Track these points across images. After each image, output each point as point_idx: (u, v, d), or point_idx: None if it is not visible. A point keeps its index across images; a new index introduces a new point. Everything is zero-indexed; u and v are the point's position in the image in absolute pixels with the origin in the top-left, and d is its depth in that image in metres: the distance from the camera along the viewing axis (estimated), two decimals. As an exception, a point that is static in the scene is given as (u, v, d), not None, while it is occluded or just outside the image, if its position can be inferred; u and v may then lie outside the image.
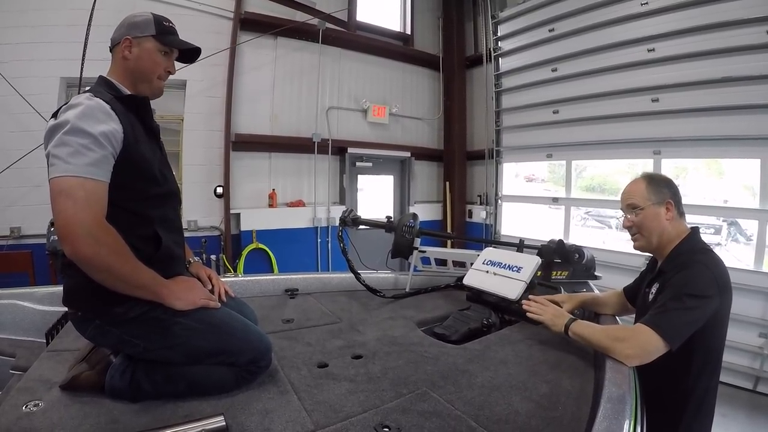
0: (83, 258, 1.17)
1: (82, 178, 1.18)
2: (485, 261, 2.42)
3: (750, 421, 3.63)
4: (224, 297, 1.67)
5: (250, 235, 5.72)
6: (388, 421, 1.26)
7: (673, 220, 1.72)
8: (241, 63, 5.60)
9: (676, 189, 1.76)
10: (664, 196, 1.72)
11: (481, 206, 7.28)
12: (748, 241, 4.55)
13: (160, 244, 1.40)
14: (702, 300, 1.53)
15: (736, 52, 4.26)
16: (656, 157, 5.00)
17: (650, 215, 1.73)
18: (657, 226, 1.73)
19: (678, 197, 1.74)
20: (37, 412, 1.22)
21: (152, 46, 1.45)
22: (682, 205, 1.76)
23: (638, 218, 1.76)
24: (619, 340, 1.54)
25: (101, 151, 1.23)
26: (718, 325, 1.63)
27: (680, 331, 1.51)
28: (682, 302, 1.52)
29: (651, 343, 1.49)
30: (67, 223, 1.16)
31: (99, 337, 1.36)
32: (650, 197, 1.73)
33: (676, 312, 1.52)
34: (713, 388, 1.69)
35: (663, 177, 1.83)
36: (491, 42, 6.88)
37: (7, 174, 4.18)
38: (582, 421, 1.27)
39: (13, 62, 4.35)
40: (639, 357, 1.51)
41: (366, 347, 1.87)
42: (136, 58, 1.44)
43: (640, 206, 1.75)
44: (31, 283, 4.28)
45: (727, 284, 1.60)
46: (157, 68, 1.48)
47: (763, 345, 4.08)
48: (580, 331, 1.67)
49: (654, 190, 1.74)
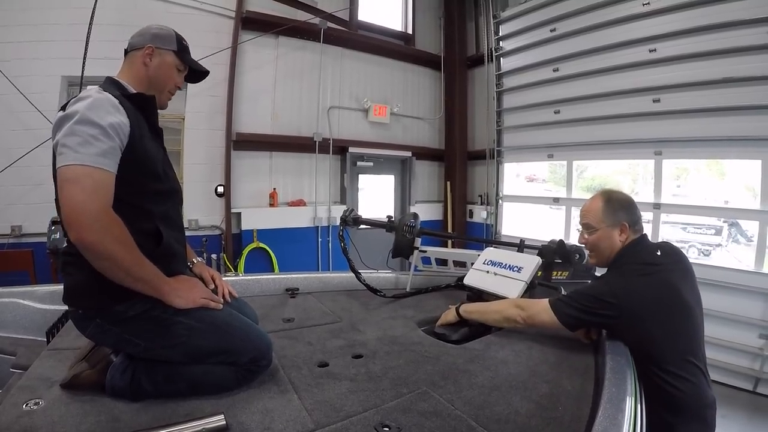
0: (88, 244, 1.18)
1: (90, 167, 1.20)
2: (486, 261, 2.42)
3: (750, 423, 3.62)
4: (228, 297, 1.67)
5: (250, 235, 5.72)
6: (389, 421, 1.26)
7: (627, 239, 1.80)
8: (242, 62, 5.60)
9: (633, 210, 1.81)
10: (619, 218, 1.78)
11: (482, 206, 7.27)
12: (749, 242, 4.54)
13: (161, 240, 1.40)
14: (601, 303, 1.65)
15: (738, 53, 4.25)
16: (657, 158, 5.00)
17: (603, 237, 1.81)
18: (608, 246, 1.81)
19: (634, 218, 1.80)
20: (37, 411, 1.22)
21: (172, 60, 1.54)
22: (638, 223, 1.81)
23: (592, 238, 1.85)
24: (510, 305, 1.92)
25: (109, 142, 1.24)
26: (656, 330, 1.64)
27: (570, 314, 1.71)
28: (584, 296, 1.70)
29: (540, 307, 1.78)
30: (74, 209, 1.17)
31: (99, 335, 1.37)
32: (605, 219, 1.80)
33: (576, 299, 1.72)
34: (690, 388, 1.66)
35: (622, 198, 1.86)
36: (492, 42, 6.87)
37: (9, 172, 4.19)
38: (582, 421, 1.27)
39: (14, 61, 4.34)
40: (526, 312, 1.82)
41: (366, 347, 1.87)
42: (156, 67, 1.50)
43: (594, 227, 1.83)
44: (31, 281, 4.28)
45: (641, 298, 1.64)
46: (170, 81, 1.56)
47: (763, 346, 4.07)
48: (470, 309, 2.02)
49: (609, 212, 1.80)
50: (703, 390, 1.69)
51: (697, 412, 1.69)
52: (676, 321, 1.68)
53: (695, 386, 1.67)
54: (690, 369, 1.68)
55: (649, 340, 1.65)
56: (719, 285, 4.23)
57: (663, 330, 1.65)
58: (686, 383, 1.66)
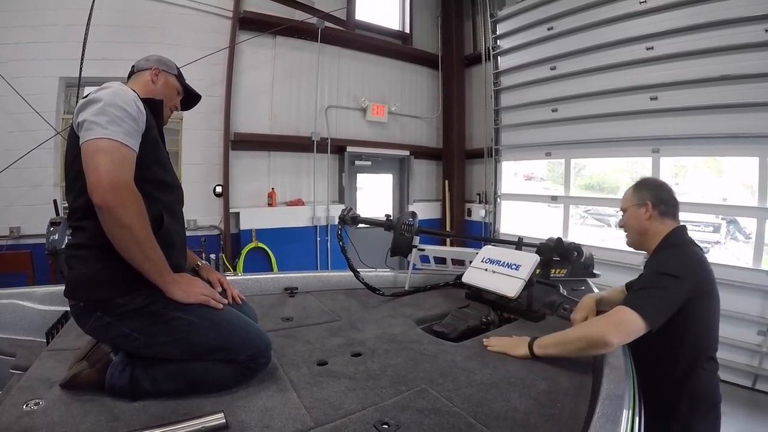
0: (111, 207, 1.22)
1: (119, 142, 1.28)
2: (484, 259, 2.43)
3: (749, 419, 3.63)
4: (238, 299, 1.72)
5: (249, 234, 5.72)
6: (387, 418, 1.26)
7: (653, 219, 1.85)
8: (240, 62, 5.60)
9: (658, 191, 1.88)
10: (644, 197, 1.88)
11: (480, 205, 7.28)
12: (747, 239, 4.56)
13: (162, 225, 1.43)
14: (675, 279, 1.61)
15: (735, 51, 4.26)
16: (655, 155, 5.01)
17: (631, 215, 1.92)
18: (636, 224, 1.90)
19: (660, 198, 1.86)
20: (37, 411, 1.23)
21: (174, 83, 1.74)
22: (667, 206, 1.86)
23: (624, 218, 1.97)
24: (594, 321, 1.66)
25: (134, 125, 1.34)
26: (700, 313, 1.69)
27: (657, 308, 1.56)
28: (655, 282, 1.62)
29: (628, 320, 1.53)
30: (102, 175, 1.23)
31: (99, 330, 1.37)
32: (632, 200, 1.92)
33: (650, 290, 1.61)
34: (707, 381, 1.73)
35: (650, 181, 1.99)
36: (490, 40, 6.87)
37: (7, 174, 4.17)
38: (580, 417, 1.28)
39: (11, 62, 4.34)
40: (619, 335, 1.52)
41: (365, 345, 1.87)
42: (161, 85, 1.68)
43: (624, 208, 1.97)
44: (30, 283, 4.27)
45: (703, 271, 1.70)
46: (172, 100, 1.74)
47: (761, 342, 4.08)
48: (546, 342, 1.67)
49: (636, 193, 1.92)
50: (718, 384, 1.77)
51: (714, 405, 1.76)
52: (716, 307, 1.76)
53: (715, 380, 1.76)
54: (713, 365, 1.76)
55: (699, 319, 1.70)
56: (718, 282, 4.17)
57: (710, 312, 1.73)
58: (712, 376, 1.75)
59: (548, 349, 1.65)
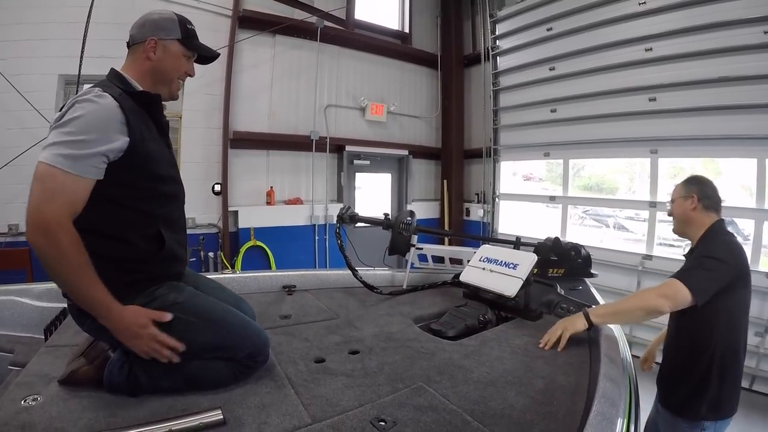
0: (33, 245, 1.14)
1: (58, 169, 1.16)
2: (482, 258, 2.43)
3: (746, 420, 3.64)
4: None
5: (248, 233, 5.72)
6: (384, 415, 1.27)
7: (697, 211, 2.02)
8: (239, 61, 5.60)
9: (703, 187, 2.06)
10: (691, 191, 2.06)
11: (479, 204, 7.29)
12: (745, 241, 4.56)
13: (164, 245, 1.39)
14: (720, 263, 1.79)
15: (733, 52, 4.28)
16: (653, 156, 5.02)
17: (678, 205, 2.10)
18: (682, 213, 2.07)
19: (704, 193, 2.04)
20: (35, 407, 1.23)
21: (177, 49, 1.46)
22: (711, 200, 2.03)
23: (671, 207, 2.15)
24: (647, 291, 1.87)
25: (89, 149, 1.20)
26: (737, 296, 1.86)
27: (704, 285, 1.76)
28: (703, 264, 1.82)
29: (679, 291, 1.75)
30: (29, 211, 1.15)
31: (97, 329, 1.36)
32: (681, 192, 2.10)
33: (698, 270, 1.81)
34: (731, 356, 1.92)
35: (699, 177, 2.16)
36: (489, 41, 6.89)
37: (6, 171, 4.17)
38: (577, 415, 1.29)
39: (11, 59, 4.33)
40: (670, 300, 1.76)
41: (363, 343, 1.88)
42: (160, 59, 1.43)
43: (673, 199, 2.15)
44: (28, 280, 4.26)
45: (744, 260, 1.87)
46: (178, 71, 1.49)
47: (759, 344, 4.10)
48: (602, 312, 1.87)
49: (685, 186, 2.10)
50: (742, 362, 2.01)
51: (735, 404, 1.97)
52: (749, 297, 1.92)
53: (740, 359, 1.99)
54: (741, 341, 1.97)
55: (736, 300, 1.87)
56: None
57: (744, 301, 1.90)
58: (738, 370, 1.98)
59: (605, 318, 1.84)
